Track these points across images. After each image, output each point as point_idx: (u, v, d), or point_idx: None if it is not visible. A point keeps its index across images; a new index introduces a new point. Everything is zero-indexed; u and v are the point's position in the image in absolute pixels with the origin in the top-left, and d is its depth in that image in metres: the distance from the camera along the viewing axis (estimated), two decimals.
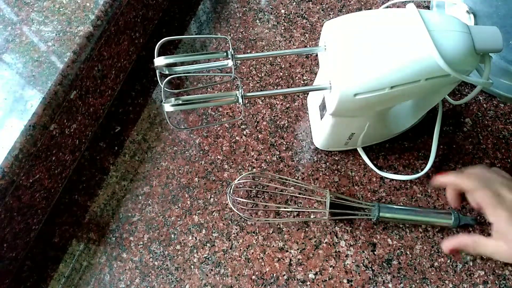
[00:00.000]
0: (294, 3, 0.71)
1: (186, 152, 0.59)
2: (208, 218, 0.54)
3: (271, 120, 0.60)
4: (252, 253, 0.52)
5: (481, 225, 0.52)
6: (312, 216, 0.53)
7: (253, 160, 0.57)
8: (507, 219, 0.40)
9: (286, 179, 0.55)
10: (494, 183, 0.43)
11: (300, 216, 0.54)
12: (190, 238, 0.53)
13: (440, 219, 0.51)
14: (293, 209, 0.54)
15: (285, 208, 0.54)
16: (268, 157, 0.58)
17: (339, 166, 0.57)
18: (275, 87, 0.63)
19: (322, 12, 0.70)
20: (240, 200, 0.54)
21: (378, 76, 0.40)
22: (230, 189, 0.54)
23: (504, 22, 0.62)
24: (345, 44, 0.41)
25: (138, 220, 0.54)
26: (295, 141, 0.59)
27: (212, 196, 0.55)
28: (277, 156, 0.58)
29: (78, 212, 0.55)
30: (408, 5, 0.41)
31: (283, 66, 0.65)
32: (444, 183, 0.48)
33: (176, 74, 0.44)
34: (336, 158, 0.57)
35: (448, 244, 0.46)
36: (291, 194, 0.54)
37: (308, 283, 0.50)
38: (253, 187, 0.55)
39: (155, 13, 0.68)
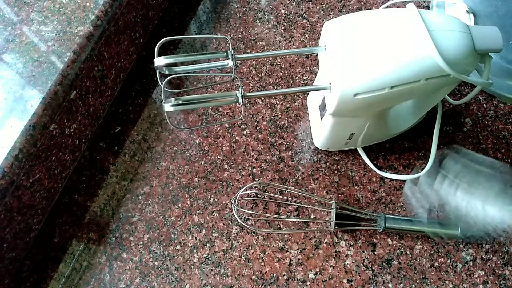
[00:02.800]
0: (294, 3, 0.71)
1: (186, 152, 0.59)
2: (208, 218, 0.54)
3: (271, 120, 0.60)
4: (252, 253, 0.52)
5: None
6: (317, 227, 0.53)
7: (253, 160, 0.57)
8: None
9: (292, 190, 0.55)
10: None
11: (305, 227, 0.53)
12: (190, 238, 0.53)
13: (446, 229, 0.50)
14: (299, 219, 0.53)
15: (291, 218, 0.53)
16: (268, 157, 0.58)
17: (339, 166, 0.57)
18: (275, 87, 0.63)
19: (322, 12, 0.70)
20: (244, 211, 0.53)
21: (378, 76, 0.40)
22: (235, 199, 0.54)
23: (504, 22, 0.62)
24: (345, 44, 0.41)
25: (138, 220, 0.54)
26: (295, 141, 0.59)
27: (212, 196, 0.55)
28: (277, 156, 0.58)
29: (78, 212, 0.55)
30: (408, 5, 0.41)
31: (283, 66, 0.65)
32: None
33: (176, 74, 0.44)
34: (336, 158, 0.57)
35: None
36: (298, 204, 0.54)
37: (308, 283, 0.50)
38: (259, 196, 0.55)
39: (155, 13, 0.68)
